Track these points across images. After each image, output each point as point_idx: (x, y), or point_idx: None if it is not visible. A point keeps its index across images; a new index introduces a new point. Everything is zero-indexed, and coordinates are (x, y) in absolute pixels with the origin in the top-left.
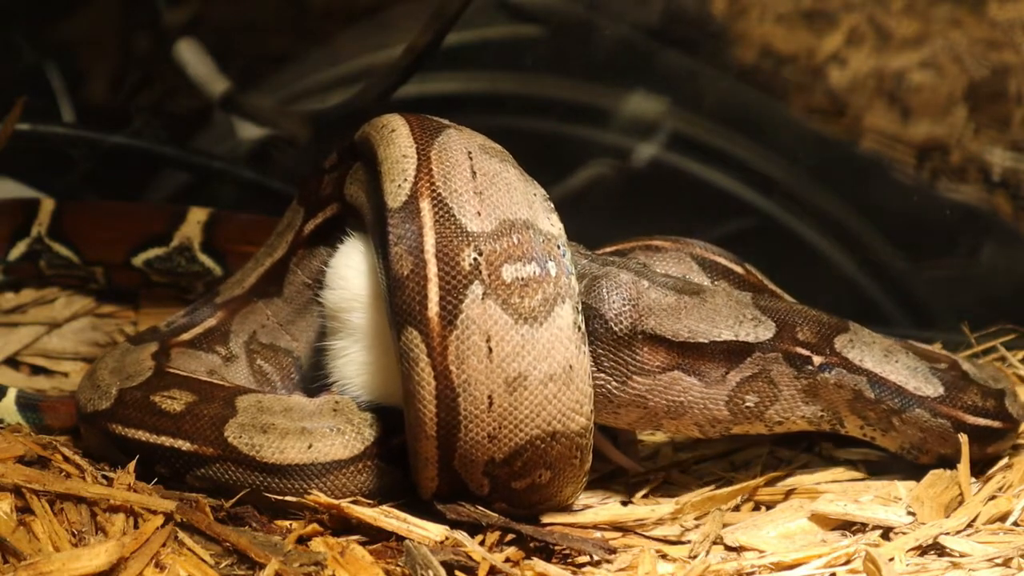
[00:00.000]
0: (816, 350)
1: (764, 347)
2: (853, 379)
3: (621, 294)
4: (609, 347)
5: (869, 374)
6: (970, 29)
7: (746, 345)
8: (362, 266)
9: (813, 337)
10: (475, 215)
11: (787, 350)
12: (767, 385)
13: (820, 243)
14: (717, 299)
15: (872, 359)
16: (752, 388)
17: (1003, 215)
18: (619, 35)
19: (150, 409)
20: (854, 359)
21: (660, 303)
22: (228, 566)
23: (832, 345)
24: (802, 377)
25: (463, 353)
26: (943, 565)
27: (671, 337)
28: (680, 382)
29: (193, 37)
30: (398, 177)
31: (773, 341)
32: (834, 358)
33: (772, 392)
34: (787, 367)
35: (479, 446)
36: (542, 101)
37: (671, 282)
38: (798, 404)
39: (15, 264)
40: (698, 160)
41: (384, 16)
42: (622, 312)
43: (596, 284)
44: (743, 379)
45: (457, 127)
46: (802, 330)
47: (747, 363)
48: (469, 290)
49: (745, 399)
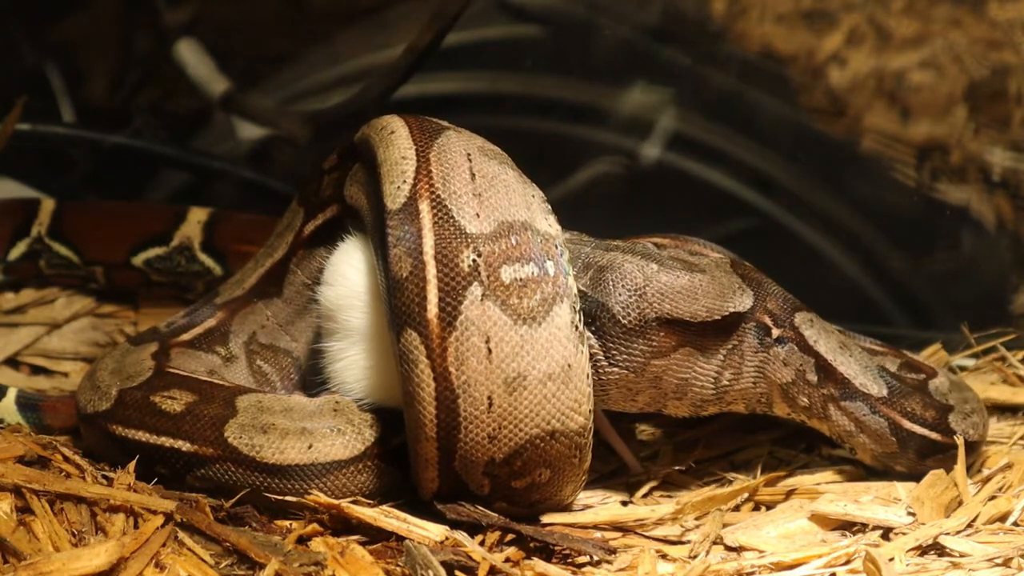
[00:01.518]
0: (777, 321)
1: (747, 316)
2: (801, 358)
3: (627, 285)
4: (620, 340)
5: (819, 357)
6: (970, 29)
7: (738, 315)
8: (362, 264)
9: (778, 308)
10: (474, 217)
11: (759, 319)
12: (739, 359)
13: (820, 243)
14: (715, 273)
15: (826, 345)
16: (730, 363)
17: (1003, 215)
18: (619, 35)
19: (150, 409)
20: (809, 338)
21: (673, 285)
22: (228, 566)
23: (792, 319)
24: (760, 351)
25: (462, 354)
26: (943, 565)
27: (690, 319)
28: (689, 358)
29: (193, 37)
30: (397, 179)
31: (752, 309)
32: (791, 332)
33: (740, 367)
34: (754, 339)
35: (479, 447)
36: (542, 101)
37: (680, 263)
38: (748, 384)
39: (15, 264)
40: (698, 160)
41: (384, 16)
42: (629, 304)
43: (601, 277)
44: (727, 351)
45: (456, 129)
46: (771, 300)
47: (734, 335)
48: (468, 291)
49: (724, 375)
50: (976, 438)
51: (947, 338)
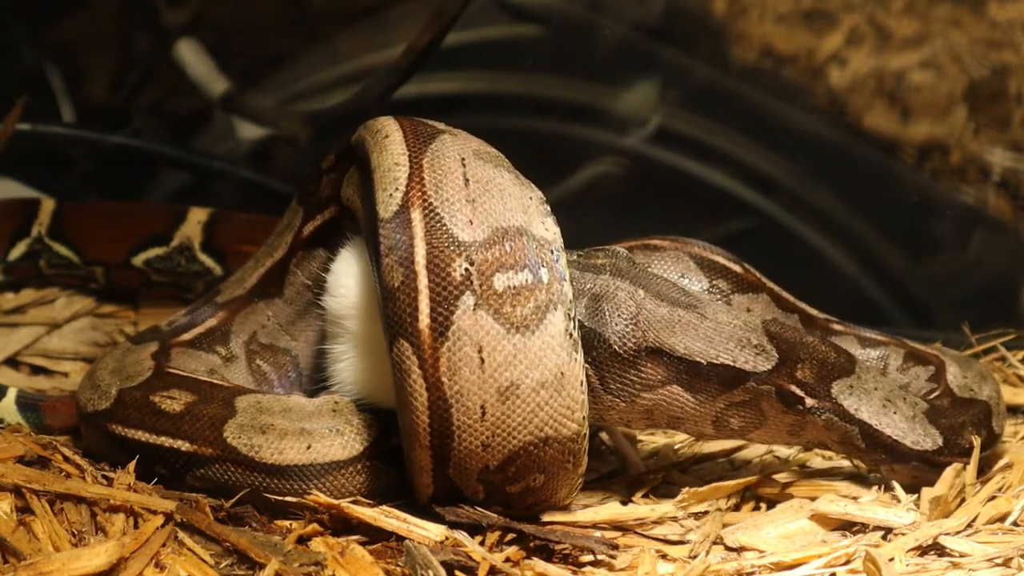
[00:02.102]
0: (811, 392)
1: (759, 378)
2: (844, 427)
3: (623, 314)
4: (615, 369)
5: (863, 425)
6: (970, 29)
7: (742, 373)
8: (362, 273)
9: (812, 377)
10: (467, 224)
11: (781, 386)
12: (755, 412)
13: (820, 243)
14: (719, 316)
15: (869, 410)
16: (739, 413)
17: (1003, 215)
18: (619, 35)
19: (150, 409)
20: (849, 407)
21: (656, 314)
22: (228, 566)
23: (829, 389)
24: (791, 414)
25: (455, 364)
26: (943, 565)
27: (668, 351)
28: (679, 397)
29: (193, 37)
30: (390, 186)
31: (770, 374)
32: (827, 403)
33: (758, 419)
34: (777, 401)
35: (473, 455)
36: (542, 101)
37: (664, 291)
38: (782, 434)
39: (15, 264)
40: (698, 160)
41: (384, 16)
42: (625, 333)
43: (598, 307)
44: (732, 404)
45: (452, 132)
46: (803, 368)
47: (739, 390)
48: (460, 301)
49: (730, 421)
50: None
51: (947, 338)
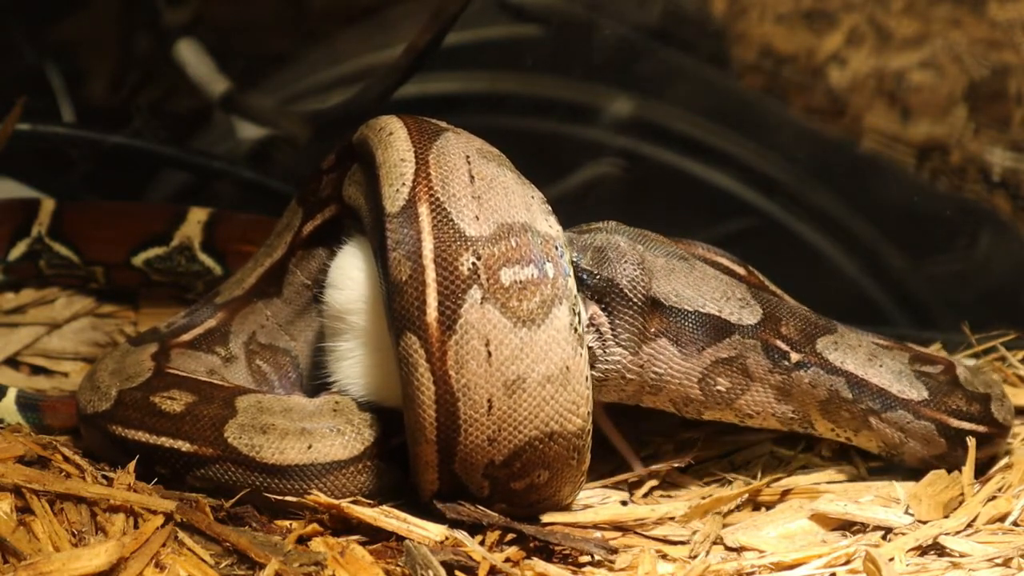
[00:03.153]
0: (796, 347)
1: (745, 331)
2: (830, 379)
3: (630, 260)
4: (627, 316)
5: (849, 375)
6: (970, 29)
7: (727, 324)
8: (366, 266)
9: (796, 334)
10: (473, 219)
11: (767, 340)
12: (740, 373)
13: (820, 243)
14: (708, 270)
15: (854, 361)
16: (725, 372)
17: (1003, 215)
18: (619, 35)
19: (150, 410)
20: (834, 360)
21: (654, 264)
22: (228, 566)
23: (813, 345)
24: (776, 372)
25: (462, 358)
26: (943, 565)
27: (662, 300)
28: (665, 350)
29: (193, 37)
30: (396, 181)
31: (756, 327)
32: (812, 357)
33: (744, 382)
34: (764, 358)
35: (479, 449)
36: (542, 101)
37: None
38: (770, 400)
39: (15, 264)
40: (698, 160)
41: (384, 16)
42: (635, 277)
43: (603, 255)
44: (718, 360)
45: (455, 130)
46: (787, 324)
47: (725, 344)
48: (468, 295)
49: (717, 382)
50: (1011, 423)
51: (947, 338)
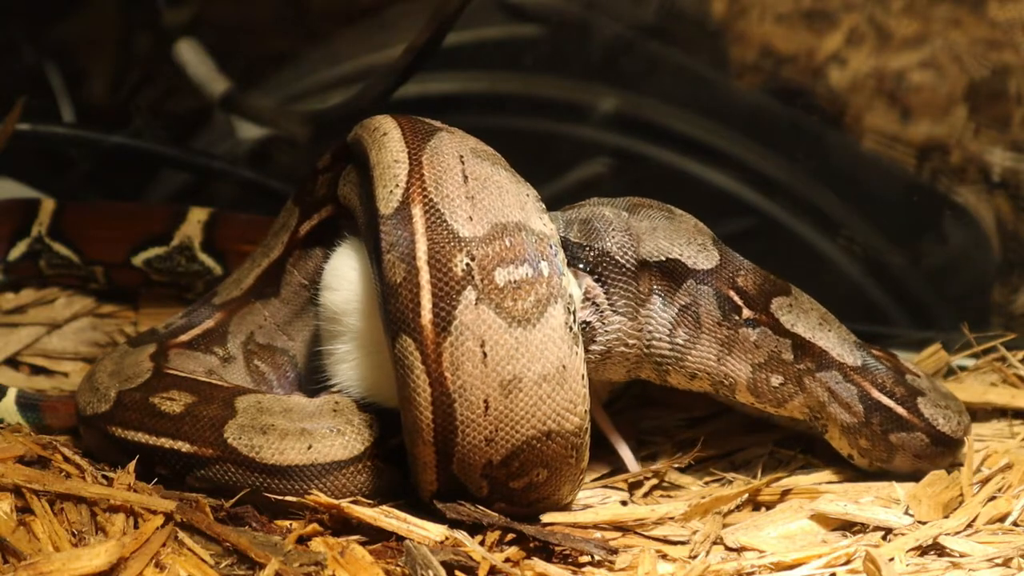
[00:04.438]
0: (750, 303)
1: (699, 276)
2: (776, 341)
3: (616, 227)
4: (620, 282)
5: (796, 338)
6: (970, 29)
7: (684, 267)
8: (362, 267)
9: (752, 289)
10: (467, 220)
11: (720, 289)
12: (693, 322)
13: (820, 243)
14: (686, 222)
15: (805, 325)
16: (683, 320)
17: (1003, 215)
18: (618, 35)
19: (149, 411)
20: (785, 323)
21: (640, 227)
22: (228, 566)
23: (768, 304)
24: (725, 325)
25: (458, 359)
26: (943, 565)
27: (647, 258)
28: (655, 305)
29: (193, 37)
30: (390, 183)
31: (709, 274)
32: (764, 316)
33: (695, 330)
34: (715, 308)
35: (477, 449)
36: (542, 101)
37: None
38: (709, 357)
39: (15, 264)
40: (698, 160)
41: (384, 16)
42: (624, 243)
43: (589, 227)
44: (680, 307)
45: (449, 129)
46: (744, 277)
47: (683, 289)
48: (462, 296)
49: (677, 331)
50: (949, 431)
51: (947, 338)
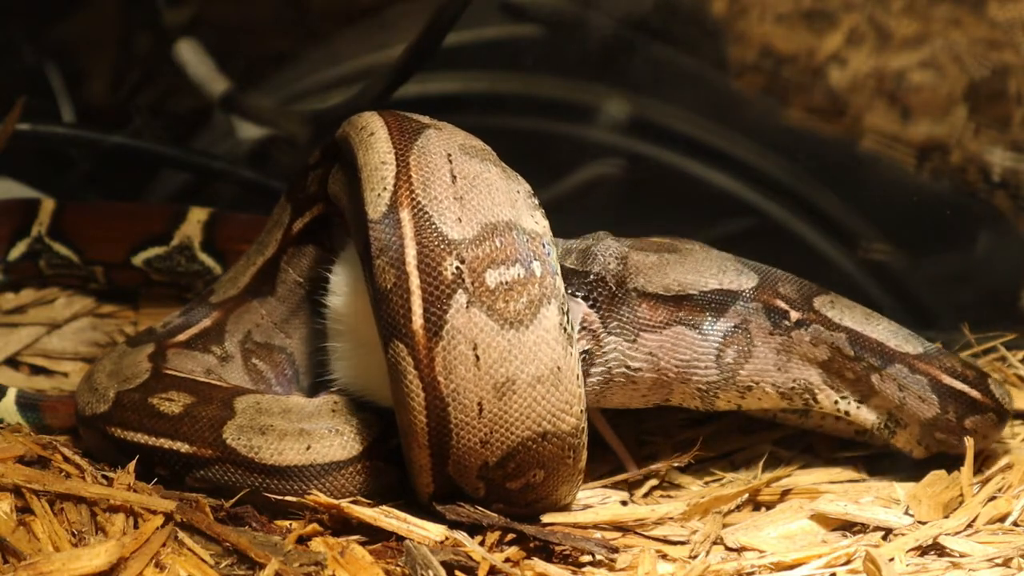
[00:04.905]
0: (795, 305)
1: (746, 296)
2: (831, 336)
3: (612, 254)
4: (614, 307)
5: (849, 331)
6: (970, 29)
7: (730, 293)
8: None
9: (794, 294)
10: (456, 222)
11: (767, 301)
12: (744, 338)
13: (820, 243)
14: (698, 253)
15: (852, 319)
16: (733, 340)
17: (1003, 215)
18: (618, 35)
19: (148, 411)
20: (833, 317)
21: (643, 262)
22: (228, 566)
23: (811, 303)
24: (777, 333)
25: (450, 363)
26: (943, 565)
27: (663, 292)
28: (684, 337)
29: (193, 37)
30: (377, 186)
31: (755, 291)
32: (812, 315)
33: (748, 348)
34: (765, 320)
35: (472, 452)
36: (542, 101)
37: (648, 244)
38: (769, 367)
39: (15, 264)
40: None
41: (384, 16)
42: (618, 271)
43: (587, 252)
44: (727, 330)
45: (436, 125)
46: (783, 286)
47: (730, 312)
48: (453, 300)
49: (726, 352)
50: (1009, 407)
51: (947, 338)
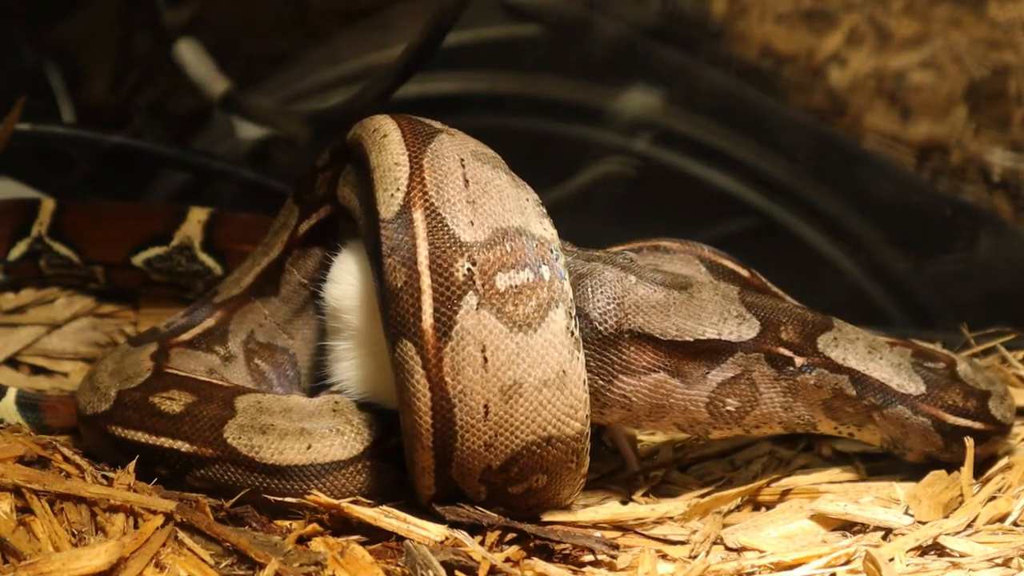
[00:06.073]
0: (798, 351)
1: (747, 347)
2: (835, 378)
3: (606, 292)
4: (595, 347)
5: (852, 372)
6: (970, 29)
7: (729, 344)
8: (365, 265)
9: (796, 337)
10: (468, 224)
11: (770, 350)
12: (748, 388)
13: (820, 243)
14: (704, 293)
15: (856, 357)
16: (734, 391)
17: (1003, 215)
18: (619, 35)
19: (149, 410)
20: (836, 358)
21: (648, 300)
22: (228, 566)
23: (815, 345)
24: (782, 379)
25: (458, 364)
26: (943, 565)
27: (659, 336)
28: (664, 385)
29: (193, 37)
30: (391, 186)
31: (756, 340)
32: (816, 358)
33: (753, 396)
34: (768, 368)
35: (476, 455)
36: (542, 101)
37: (659, 277)
38: (776, 409)
39: (15, 264)
40: (698, 160)
41: (384, 16)
42: (607, 311)
43: (581, 283)
44: (724, 380)
45: (449, 131)
46: (786, 329)
47: (729, 363)
48: (463, 301)
49: (726, 403)
50: (1011, 421)
51: (947, 338)
